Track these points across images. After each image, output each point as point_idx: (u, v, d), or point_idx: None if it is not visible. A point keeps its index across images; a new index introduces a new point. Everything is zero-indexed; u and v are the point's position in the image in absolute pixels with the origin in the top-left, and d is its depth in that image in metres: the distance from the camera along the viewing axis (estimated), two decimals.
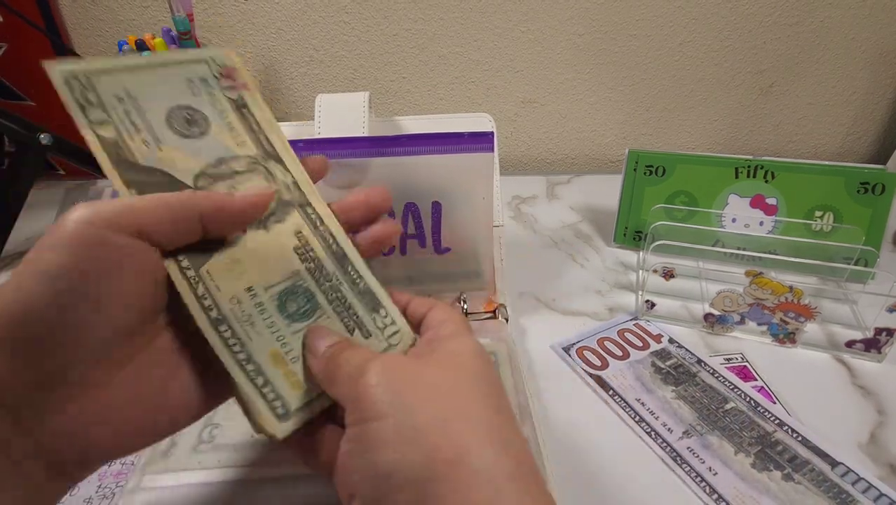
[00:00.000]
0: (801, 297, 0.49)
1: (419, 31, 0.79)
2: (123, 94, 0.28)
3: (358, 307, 0.31)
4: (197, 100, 0.30)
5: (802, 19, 0.79)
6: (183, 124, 0.29)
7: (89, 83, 0.27)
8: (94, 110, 0.27)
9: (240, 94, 0.31)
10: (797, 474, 0.39)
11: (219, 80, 0.31)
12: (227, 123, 0.30)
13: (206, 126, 0.30)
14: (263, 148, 0.31)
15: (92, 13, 0.77)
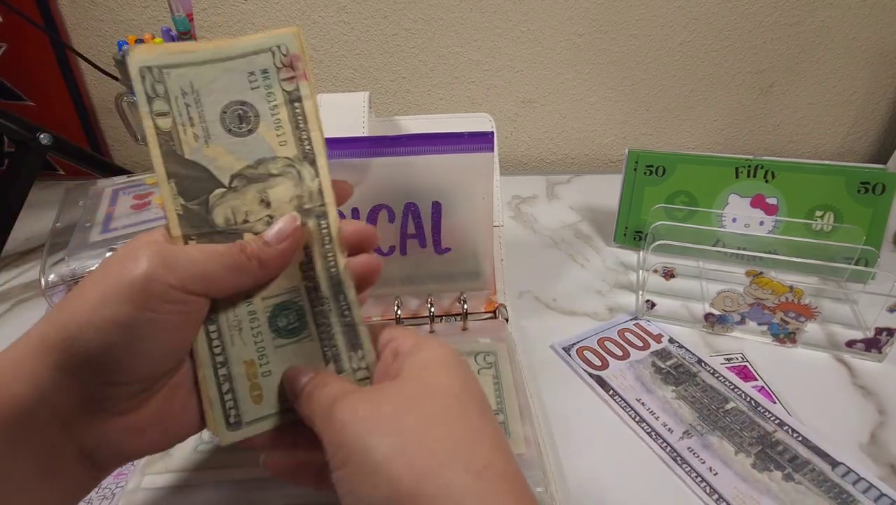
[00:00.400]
0: (802, 297, 0.49)
1: (419, 30, 0.79)
2: (189, 88, 0.29)
3: (339, 341, 0.32)
4: (253, 94, 0.30)
5: (803, 19, 0.79)
6: (235, 121, 0.30)
7: (160, 76, 0.28)
8: (158, 101, 0.28)
9: (297, 86, 0.31)
10: (798, 474, 0.39)
11: (279, 70, 0.30)
12: (276, 120, 0.31)
13: (255, 123, 0.30)
14: (303, 148, 0.31)
15: (91, 13, 0.77)
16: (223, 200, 0.30)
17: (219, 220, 0.29)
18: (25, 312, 0.58)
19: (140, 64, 0.28)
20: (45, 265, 0.53)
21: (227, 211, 0.30)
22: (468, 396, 0.26)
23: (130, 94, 0.65)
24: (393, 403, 0.25)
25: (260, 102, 0.30)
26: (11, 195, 0.62)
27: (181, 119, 0.29)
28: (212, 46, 0.30)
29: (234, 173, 0.30)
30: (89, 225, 0.58)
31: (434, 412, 0.25)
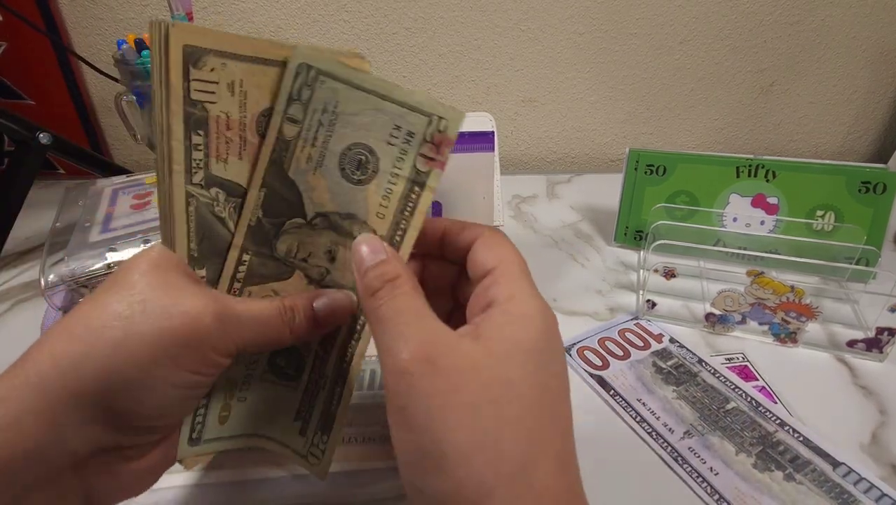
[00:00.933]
0: (803, 296, 0.49)
1: (419, 29, 0.79)
2: (331, 106, 0.27)
3: (314, 416, 0.31)
4: (386, 149, 0.27)
5: (803, 18, 0.79)
6: (353, 164, 0.27)
7: (314, 81, 0.26)
8: (296, 106, 0.26)
9: (430, 171, 0.27)
10: (798, 475, 0.39)
11: (423, 144, 0.27)
12: (388, 189, 0.27)
13: (369, 178, 0.28)
14: (393, 235, 0.28)
15: (91, 12, 0.77)
16: (296, 232, 0.28)
17: (281, 247, 0.28)
18: (25, 312, 0.57)
19: (302, 60, 0.26)
20: (45, 265, 0.53)
21: (294, 243, 0.28)
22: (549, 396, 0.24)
23: (130, 93, 0.65)
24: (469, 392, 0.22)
25: (386, 160, 0.27)
26: (11, 195, 0.62)
27: (307, 134, 0.27)
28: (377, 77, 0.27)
29: (320, 211, 0.28)
30: (89, 225, 0.58)
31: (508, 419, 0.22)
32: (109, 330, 0.23)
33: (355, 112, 0.27)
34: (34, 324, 0.52)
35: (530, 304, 0.25)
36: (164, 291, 0.25)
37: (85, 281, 0.52)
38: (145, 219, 0.58)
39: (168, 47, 0.26)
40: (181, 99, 0.26)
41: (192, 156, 0.27)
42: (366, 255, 0.26)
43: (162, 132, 0.26)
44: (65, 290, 0.52)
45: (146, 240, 0.54)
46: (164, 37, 0.26)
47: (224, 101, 0.27)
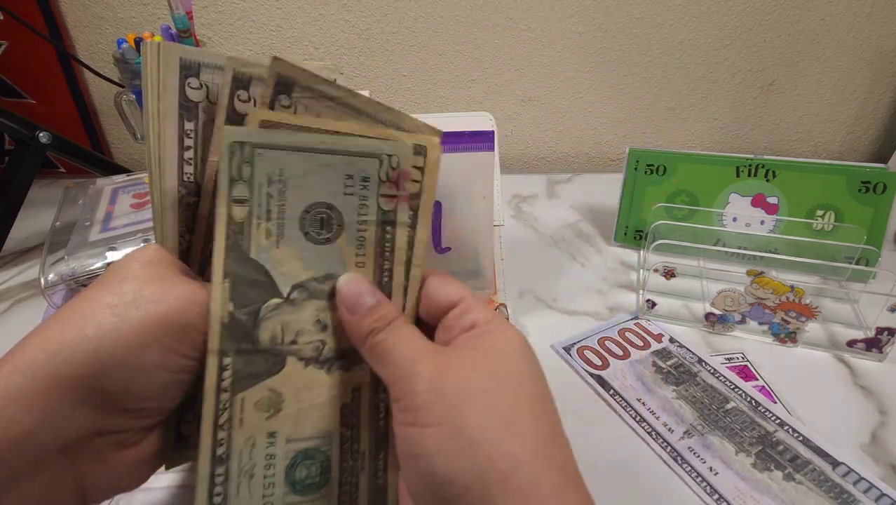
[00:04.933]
0: (803, 296, 0.49)
1: (419, 28, 0.79)
2: (276, 176, 0.25)
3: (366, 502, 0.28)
4: (344, 200, 0.26)
5: (803, 17, 0.79)
6: (315, 225, 0.26)
7: (251, 156, 0.25)
8: (240, 186, 0.25)
9: (395, 207, 0.27)
10: (798, 474, 0.39)
11: (381, 184, 0.26)
12: (360, 237, 0.27)
13: (336, 233, 0.27)
14: (380, 279, 0.28)
15: (92, 11, 0.77)
16: (275, 314, 0.26)
17: (264, 336, 0.26)
18: (25, 311, 0.57)
19: (233, 138, 0.25)
20: (45, 264, 0.53)
21: (277, 327, 0.26)
22: (544, 390, 0.26)
23: (130, 92, 0.64)
24: (482, 381, 0.24)
25: (349, 212, 0.27)
26: (11, 193, 0.62)
27: (259, 211, 0.25)
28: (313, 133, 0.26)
29: (296, 283, 0.26)
30: (89, 224, 0.58)
31: (522, 403, 0.24)
32: (100, 316, 0.24)
33: (303, 174, 0.26)
34: (34, 323, 0.52)
35: (509, 326, 0.27)
36: (155, 282, 0.26)
37: (85, 280, 0.52)
38: (145, 218, 0.58)
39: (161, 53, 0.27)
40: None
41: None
42: (361, 293, 0.27)
43: (152, 130, 0.27)
44: (65, 288, 0.52)
45: (146, 239, 0.54)
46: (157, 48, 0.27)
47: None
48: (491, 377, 0.24)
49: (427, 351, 0.25)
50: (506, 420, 0.23)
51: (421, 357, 0.25)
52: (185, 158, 0.29)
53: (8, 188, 0.62)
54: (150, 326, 0.24)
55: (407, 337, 0.26)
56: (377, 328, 0.26)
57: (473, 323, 0.27)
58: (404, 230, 0.27)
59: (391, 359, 0.25)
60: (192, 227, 0.30)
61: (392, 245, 0.27)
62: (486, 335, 0.26)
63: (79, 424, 0.24)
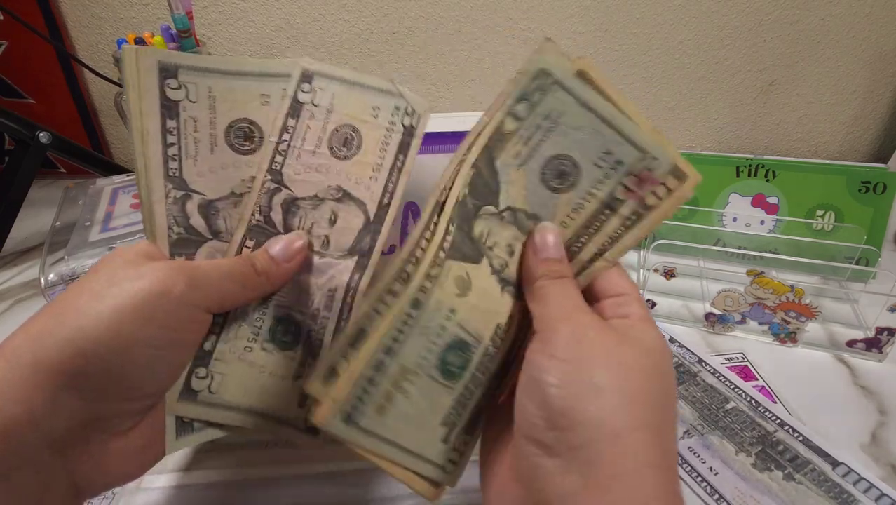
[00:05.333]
0: (802, 296, 0.49)
1: (419, 28, 0.79)
2: (555, 116, 0.28)
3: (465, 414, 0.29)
4: (591, 168, 0.28)
5: (803, 17, 0.79)
6: (554, 172, 0.29)
7: (549, 87, 0.27)
8: (524, 105, 0.28)
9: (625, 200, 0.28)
10: (798, 474, 0.39)
11: (627, 175, 0.28)
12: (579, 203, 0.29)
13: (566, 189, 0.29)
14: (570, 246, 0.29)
15: (92, 11, 0.77)
16: (488, 218, 0.29)
17: (477, 229, 0.29)
18: (24, 311, 0.57)
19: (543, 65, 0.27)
20: (45, 264, 0.53)
21: (485, 229, 0.29)
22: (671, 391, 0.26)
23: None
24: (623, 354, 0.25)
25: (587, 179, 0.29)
26: (11, 193, 0.62)
27: (525, 133, 0.28)
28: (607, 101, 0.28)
29: (511, 206, 0.29)
30: (89, 224, 0.58)
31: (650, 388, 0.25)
32: (78, 300, 0.25)
33: (575, 127, 0.28)
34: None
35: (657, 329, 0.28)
36: (130, 265, 0.26)
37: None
38: None
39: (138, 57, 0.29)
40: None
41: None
42: (549, 244, 0.28)
43: (136, 130, 0.29)
44: (65, 288, 0.52)
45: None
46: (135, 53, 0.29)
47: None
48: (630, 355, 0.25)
49: (584, 308, 0.27)
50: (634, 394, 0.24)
51: (576, 311, 0.26)
52: (170, 155, 0.30)
53: (8, 188, 0.62)
54: (129, 303, 0.25)
55: (570, 293, 0.27)
56: (548, 275, 0.28)
57: (629, 314, 0.28)
58: (618, 220, 0.29)
59: (549, 302, 0.27)
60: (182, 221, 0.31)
61: (600, 227, 0.29)
62: (636, 327, 0.27)
63: (65, 413, 0.24)
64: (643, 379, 0.24)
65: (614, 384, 0.23)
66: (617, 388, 0.23)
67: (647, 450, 0.23)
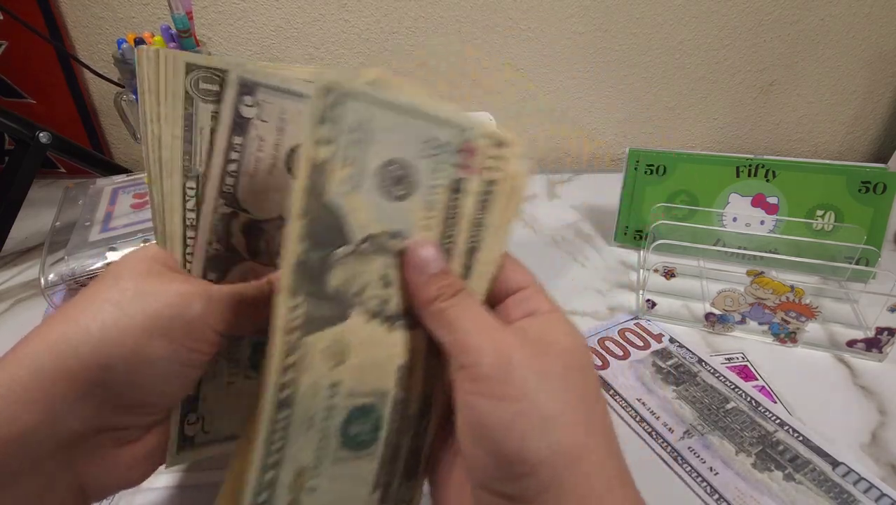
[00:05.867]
0: (803, 296, 0.49)
1: (419, 28, 0.79)
2: (364, 124, 0.26)
3: (399, 466, 0.28)
4: (421, 162, 0.27)
5: (802, 17, 0.79)
6: (390, 181, 0.27)
7: (342, 100, 0.25)
8: (328, 126, 0.25)
9: (465, 177, 0.27)
10: (798, 474, 0.39)
11: (456, 154, 0.27)
12: (430, 200, 0.27)
13: (409, 192, 0.27)
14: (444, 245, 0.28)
15: (92, 11, 0.77)
16: (345, 262, 0.26)
17: (333, 282, 0.26)
18: (25, 312, 0.57)
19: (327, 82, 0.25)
20: (45, 264, 0.53)
21: (345, 276, 0.26)
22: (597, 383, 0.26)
23: (130, 92, 0.65)
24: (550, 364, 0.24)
25: (424, 174, 0.27)
26: (11, 193, 0.62)
27: (341, 155, 0.25)
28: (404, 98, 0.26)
29: (366, 235, 0.26)
30: (89, 224, 0.58)
31: (588, 391, 0.25)
32: (102, 311, 0.24)
33: (387, 129, 0.26)
34: (34, 323, 0.52)
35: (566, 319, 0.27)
36: (154, 278, 0.26)
37: (85, 280, 0.52)
38: (145, 218, 0.58)
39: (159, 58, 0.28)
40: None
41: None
42: (430, 259, 0.26)
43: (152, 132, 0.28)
44: (65, 289, 0.52)
45: (146, 239, 0.54)
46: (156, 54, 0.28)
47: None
48: (557, 363, 0.24)
49: (494, 325, 0.25)
50: (575, 406, 0.23)
51: (488, 329, 0.25)
52: (230, 171, 0.30)
53: (8, 188, 0.62)
54: (152, 319, 0.25)
55: (473, 309, 0.26)
56: (443, 294, 0.26)
57: (534, 310, 0.27)
58: (473, 197, 0.28)
59: (457, 327, 0.25)
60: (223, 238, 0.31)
61: (459, 212, 0.28)
62: (547, 324, 0.26)
63: (81, 421, 0.24)
64: (576, 386, 0.24)
65: (556, 408, 0.23)
66: (561, 410, 0.23)
67: (606, 462, 0.23)
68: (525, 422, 0.22)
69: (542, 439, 0.22)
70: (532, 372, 0.23)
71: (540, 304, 0.27)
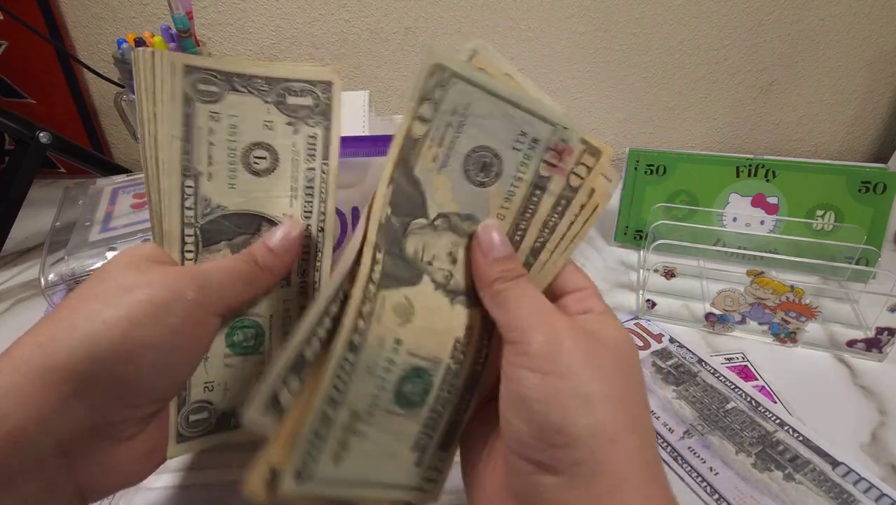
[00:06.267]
0: (803, 296, 0.49)
1: (419, 28, 0.79)
2: (462, 109, 0.27)
3: (436, 435, 0.29)
4: (510, 154, 0.28)
5: (802, 17, 0.79)
6: (476, 166, 0.28)
7: (447, 81, 0.26)
8: (428, 106, 0.26)
9: (551, 177, 0.28)
10: (798, 474, 0.39)
11: (547, 151, 0.28)
12: (510, 191, 0.28)
13: (492, 180, 0.28)
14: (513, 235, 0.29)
15: (92, 11, 0.77)
16: (419, 232, 0.28)
17: (409, 247, 0.27)
18: (24, 312, 0.57)
19: (436, 60, 0.26)
20: (45, 264, 0.53)
21: (419, 244, 0.28)
22: (643, 383, 0.27)
23: (130, 92, 0.65)
24: (599, 353, 0.25)
25: (510, 165, 0.28)
26: (11, 193, 0.62)
27: (436, 134, 0.27)
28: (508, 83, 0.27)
29: (442, 212, 0.28)
30: (89, 224, 0.58)
31: (629, 385, 0.25)
32: (86, 306, 0.25)
33: (484, 116, 0.27)
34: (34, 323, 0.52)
35: (619, 321, 0.28)
36: (135, 270, 0.27)
37: (85, 280, 0.52)
38: (145, 218, 0.58)
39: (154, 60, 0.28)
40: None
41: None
42: (497, 243, 0.28)
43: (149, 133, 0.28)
44: (65, 289, 0.52)
45: (146, 239, 0.54)
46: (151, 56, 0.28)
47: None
48: (605, 354, 0.25)
49: (550, 309, 0.26)
50: (618, 394, 0.24)
51: (543, 312, 0.26)
52: None
53: (8, 188, 0.62)
54: (139, 309, 0.25)
55: (530, 293, 0.27)
56: (504, 277, 0.27)
57: (590, 309, 0.28)
58: (551, 198, 0.29)
59: (514, 306, 0.26)
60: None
61: (536, 209, 0.29)
62: (601, 322, 0.27)
63: (76, 418, 0.24)
64: (622, 379, 0.25)
65: (600, 391, 0.23)
66: (604, 394, 0.23)
67: (641, 450, 0.23)
68: (569, 397, 0.23)
69: (584, 416, 0.23)
70: (581, 355, 0.24)
71: (595, 304, 0.28)
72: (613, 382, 0.24)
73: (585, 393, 0.23)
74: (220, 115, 0.30)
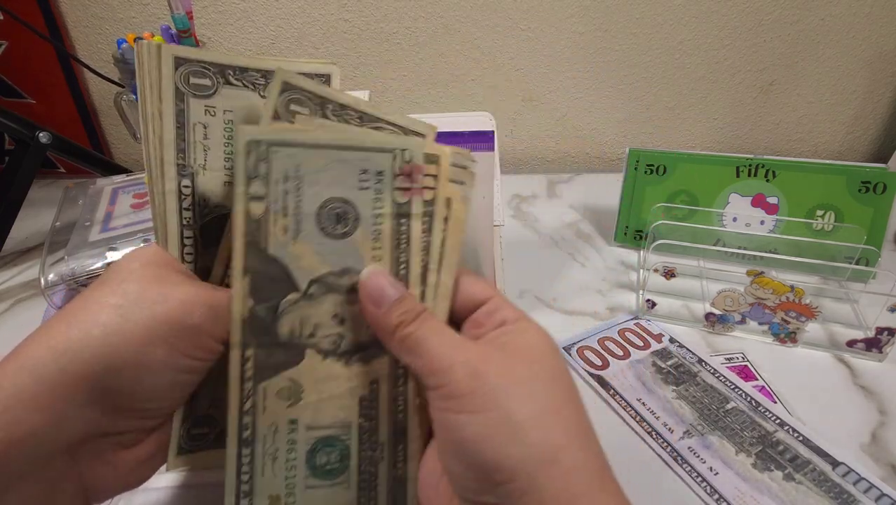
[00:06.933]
0: (803, 296, 0.49)
1: (419, 28, 0.79)
2: (292, 173, 0.26)
3: (381, 496, 0.28)
4: (360, 195, 0.27)
5: (803, 17, 0.79)
6: (331, 220, 0.27)
7: (267, 153, 0.25)
8: (257, 183, 0.25)
9: (410, 200, 0.27)
10: (798, 474, 0.39)
11: (395, 178, 0.27)
12: (376, 231, 0.27)
13: (352, 227, 0.27)
14: (397, 271, 0.28)
15: (92, 11, 0.77)
16: (294, 309, 0.27)
17: (283, 329, 0.27)
18: (25, 312, 0.57)
19: (248, 137, 0.25)
20: (45, 264, 0.53)
21: (296, 321, 0.27)
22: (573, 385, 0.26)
23: (130, 92, 0.65)
24: (520, 371, 0.25)
25: (364, 206, 0.27)
26: (11, 193, 0.62)
27: (275, 207, 0.26)
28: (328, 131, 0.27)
29: (313, 278, 0.27)
30: (89, 224, 0.58)
31: (559, 394, 0.25)
32: (105, 316, 0.24)
33: (318, 170, 0.26)
34: (34, 323, 0.52)
35: (537, 324, 0.28)
36: (157, 283, 0.26)
37: (85, 280, 0.52)
38: (145, 218, 0.58)
39: (160, 54, 0.28)
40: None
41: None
42: (386, 287, 0.27)
43: (152, 132, 0.28)
44: (65, 289, 0.52)
45: (146, 239, 0.54)
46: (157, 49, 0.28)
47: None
48: (527, 369, 0.25)
49: (461, 342, 0.26)
50: (548, 409, 0.24)
51: (457, 347, 0.25)
52: None
53: (8, 188, 0.62)
54: (155, 326, 0.25)
55: (438, 329, 0.26)
56: (405, 320, 0.26)
57: (503, 320, 0.27)
58: (419, 222, 0.28)
59: (425, 350, 0.25)
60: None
61: (408, 237, 0.28)
62: (517, 332, 0.27)
63: (83, 424, 0.24)
64: (548, 389, 0.24)
65: (530, 413, 0.23)
66: (533, 416, 0.23)
67: (587, 462, 0.23)
68: (498, 430, 0.23)
69: (515, 445, 0.22)
70: (502, 381, 0.24)
71: (507, 313, 0.27)
72: (541, 398, 0.24)
73: (515, 421, 0.23)
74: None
